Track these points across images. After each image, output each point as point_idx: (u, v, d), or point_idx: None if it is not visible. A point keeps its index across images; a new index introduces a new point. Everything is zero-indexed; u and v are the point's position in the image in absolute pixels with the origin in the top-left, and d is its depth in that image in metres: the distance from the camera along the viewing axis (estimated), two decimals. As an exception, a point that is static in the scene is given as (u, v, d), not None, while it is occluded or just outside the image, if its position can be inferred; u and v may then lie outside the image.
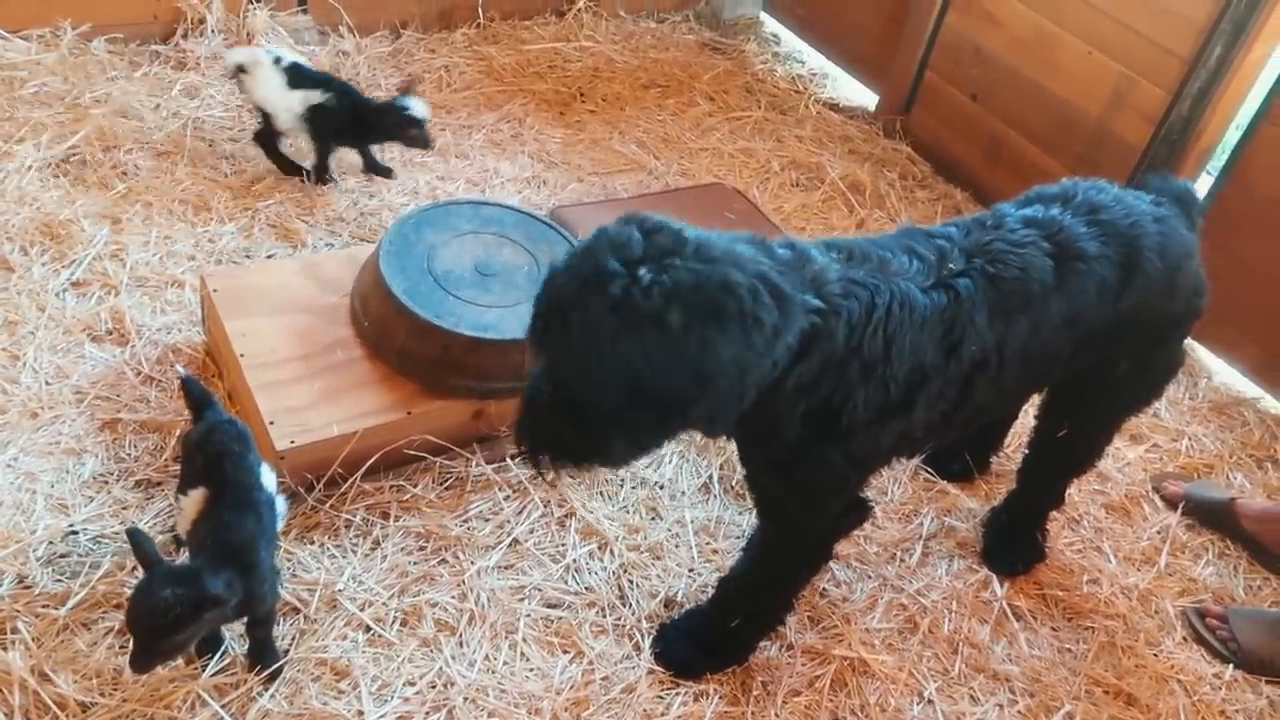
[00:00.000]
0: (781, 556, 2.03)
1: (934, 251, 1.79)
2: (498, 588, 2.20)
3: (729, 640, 2.15)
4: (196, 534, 1.85)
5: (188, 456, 2.00)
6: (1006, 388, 1.87)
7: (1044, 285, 1.80)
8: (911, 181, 3.96)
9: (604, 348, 1.42)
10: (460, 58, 4.07)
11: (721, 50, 4.61)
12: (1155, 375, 2.19)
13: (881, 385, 1.68)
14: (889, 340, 1.67)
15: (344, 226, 3.11)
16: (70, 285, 2.70)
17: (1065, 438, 2.29)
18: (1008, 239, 1.82)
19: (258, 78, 3.02)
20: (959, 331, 1.73)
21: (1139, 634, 2.38)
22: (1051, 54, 3.54)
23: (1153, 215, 1.94)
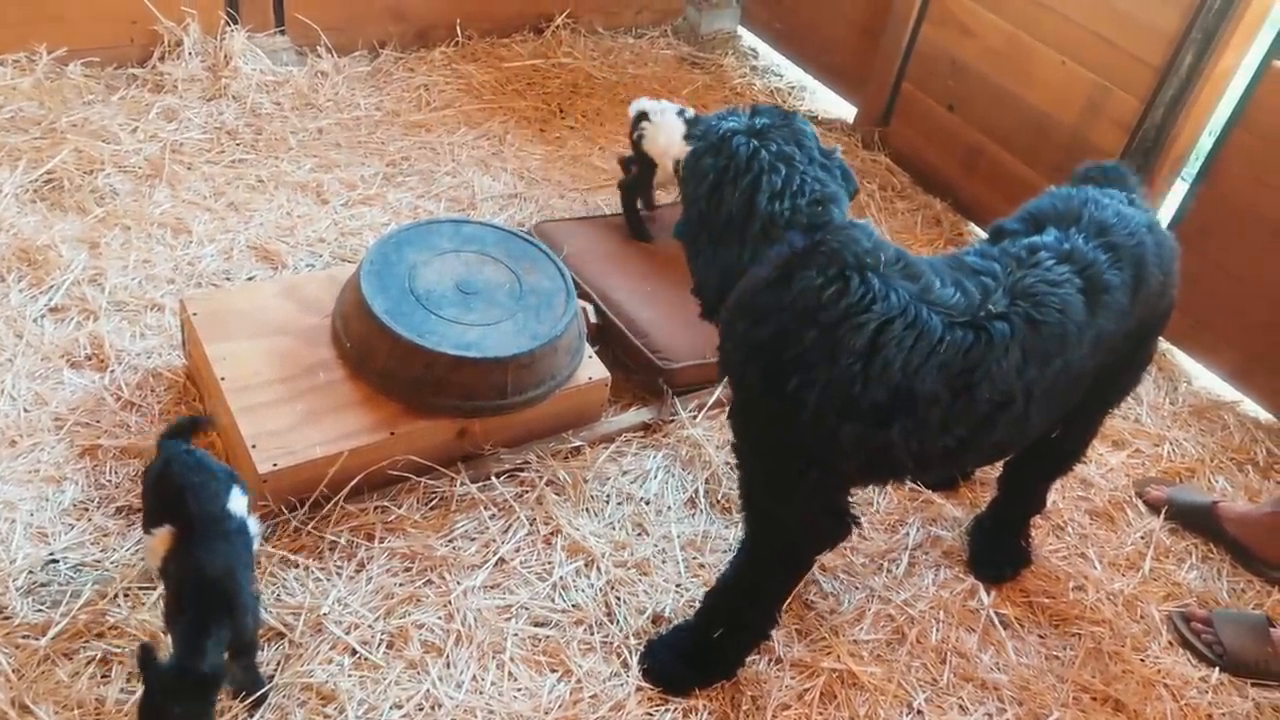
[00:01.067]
0: (761, 563, 2.02)
1: (979, 288, 1.77)
2: (484, 607, 2.19)
3: (716, 654, 2.14)
4: (169, 571, 1.83)
5: (147, 492, 1.97)
6: (1033, 425, 1.87)
7: (1079, 325, 1.81)
8: (891, 192, 3.98)
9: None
10: (439, 76, 4.07)
11: (700, 64, 4.64)
12: (1137, 369, 2.21)
13: (847, 380, 1.67)
14: (875, 345, 1.66)
15: (324, 247, 3.10)
16: (48, 311, 2.68)
17: (1055, 440, 2.30)
18: (1047, 279, 1.80)
19: (661, 126, 3.07)
20: (979, 374, 1.71)
21: (1125, 639, 2.39)
22: (1026, 64, 3.58)
23: (1146, 224, 1.96)
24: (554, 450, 2.57)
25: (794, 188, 1.71)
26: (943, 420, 1.74)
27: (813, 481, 1.83)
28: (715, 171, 1.75)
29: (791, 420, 1.74)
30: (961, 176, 3.91)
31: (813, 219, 1.71)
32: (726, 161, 1.74)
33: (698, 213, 1.80)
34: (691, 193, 1.81)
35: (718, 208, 1.75)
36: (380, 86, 3.95)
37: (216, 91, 3.63)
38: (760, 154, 1.73)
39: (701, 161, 1.78)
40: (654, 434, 2.72)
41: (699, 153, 1.80)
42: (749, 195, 1.72)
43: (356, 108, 3.78)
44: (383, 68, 4.05)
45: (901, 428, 1.72)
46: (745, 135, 1.75)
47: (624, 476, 2.57)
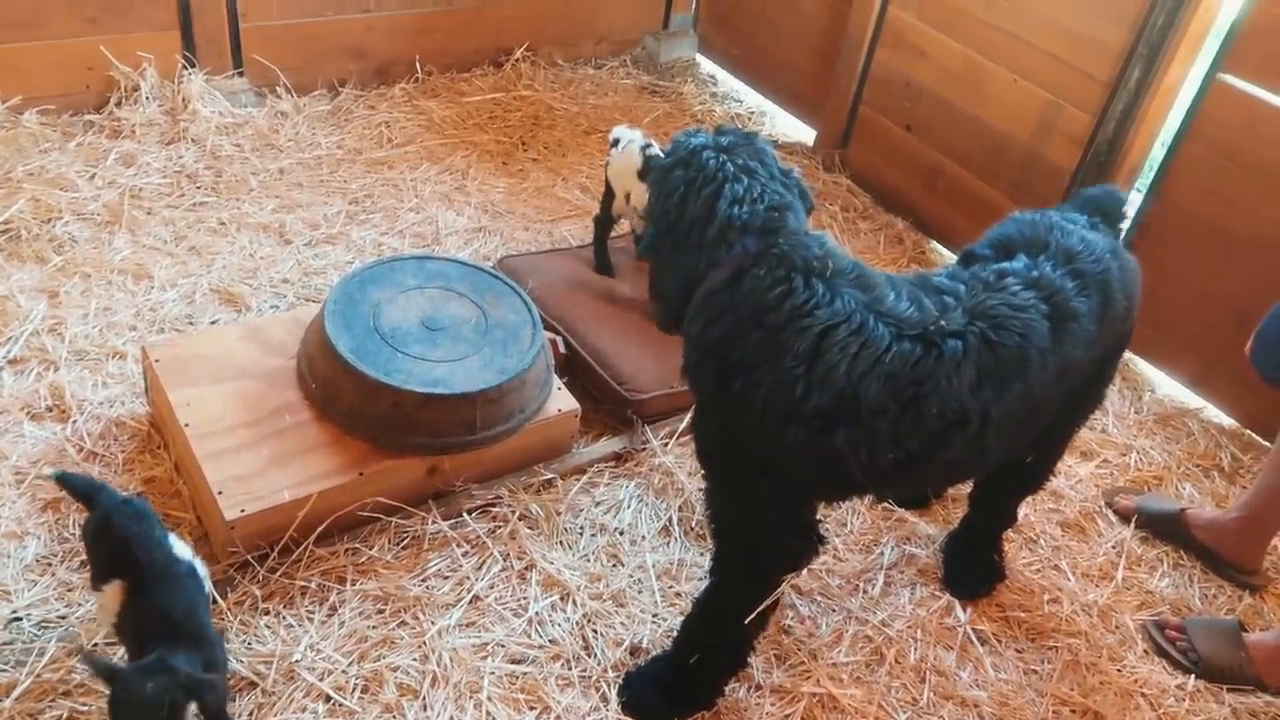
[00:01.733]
0: (728, 584, 2.02)
1: (937, 305, 1.80)
2: (460, 647, 2.17)
3: (694, 683, 2.13)
4: (126, 627, 1.80)
5: (90, 549, 1.93)
6: (993, 447, 1.86)
7: (1041, 350, 1.82)
8: (853, 213, 4.02)
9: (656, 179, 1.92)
10: (400, 113, 4.08)
11: (660, 93, 4.68)
12: (1102, 386, 2.24)
13: (789, 383, 1.70)
14: (818, 350, 1.69)
15: (288, 287, 3.08)
16: (7, 363, 2.64)
17: (1033, 463, 2.33)
18: (1011, 303, 1.82)
19: (622, 156, 3.05)
20: (928, 388, 1.72)
21: (1101, 650, 2.40)
22: (980, 84, 3.64)
23: (1109, 249, 1.99)
24: (526, 484, 2.56)
25: (754, 195, 1.77)
26: (891, 432, 1.74)
27: (767, 488, 1.84)
28: (684, 183, 1.81)
29: (738, 421, 1.78)
30: (922, 196, 3.96)
31: (768, 224, 1.76)
32: (695, 174, 1.80)
33: (665, 224, 1.85)
34: (660, 205, 1.86)
35: (682, 216, 1.80)
36: (341, 125, 3.94)
37: (175, 135, 3.61)
38: (726, 165, 1.79)
39: (671, 174, 1.84)
40: (626, 464, 2.71)
41: (668, 166, 1.86)
42: (711, 201, 1.78)
43: (317, 147, 3.78)
44: (343, 106, 4.05)
45: (847, 435, 1.72)
46: (713, 150, 1.81)
47: (597, 507, 2.56)
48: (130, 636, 1.80)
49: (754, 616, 2.02)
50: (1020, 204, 3.56)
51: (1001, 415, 1.82)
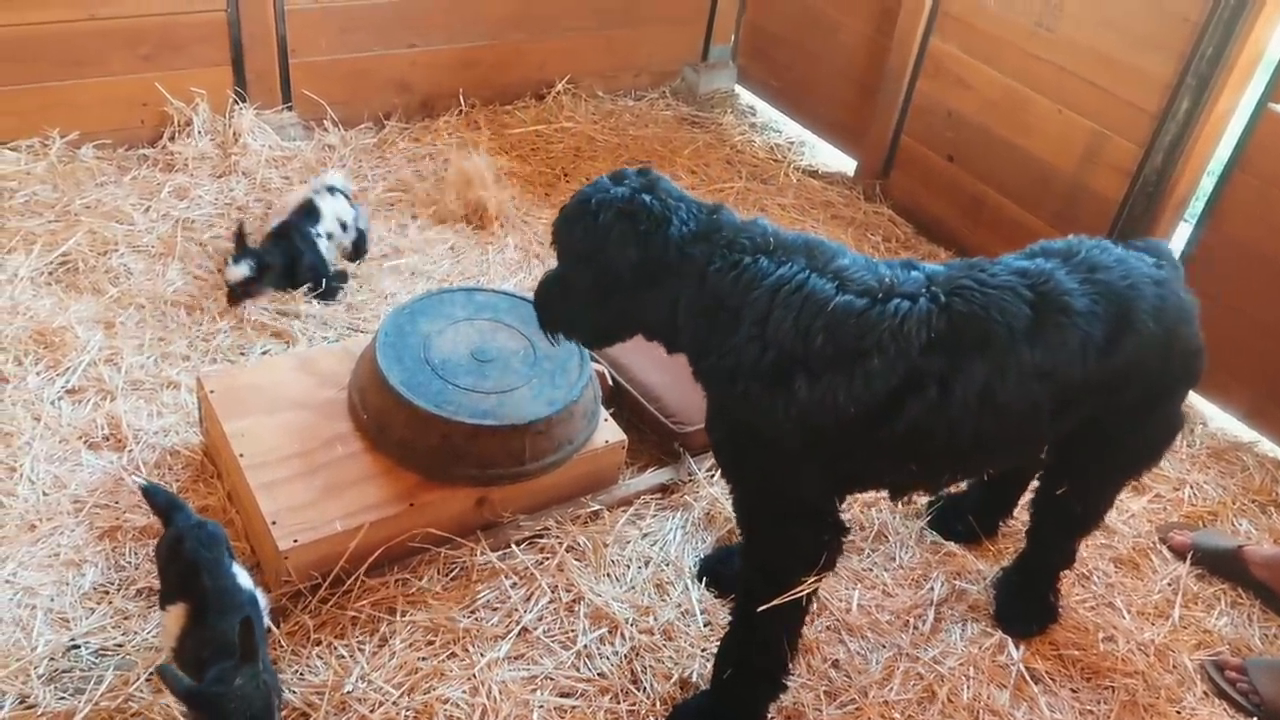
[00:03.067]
0: (753, 587, 2.00)
1: (902, 279, 1.85)
2: (509, 679, 2.17)
3: (736, 710, 2.11)
4: (186, 651, 1.82)
5: (161, 568, 1.98)
6: (965, 427, 1.83)
7: (1011, 329, 1.81)
8: (895, 243, 4.01)
9: (571, 241, 2.00)
10: (444, 145, 4.13)
11: (699, 124, 4.70)
12: (1152, 438, 2.19)
13: (749, 344, 1.81)
14: (770, 310, 1.80)
15: (338, 319, 3.12)
16: (65, 393, 2.69)
17: (1065, 498, 2.28)
18: (982, 280, 1.86)
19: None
20: (870, 341, 1.77)
21: (1159, 691, 2.36)
22: (1023, 114, 3.63)
23: (1152, 278, 1.96)
24: (573, 515, 2.56)
25: (688, 214, 1.92)
26: (846, 385, 1.77)
27: (766, 468, 1.90)
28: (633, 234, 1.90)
29: (725, 400, 1.92)
30: (965, 225, 3.94)
31: (710, 227, 1.91)
32: (644, 223, 1.90)
33: (613, 277, 1.94)
34: (611, 256, 1.92)
35: (648, 256, 1.90)
36: (386, 158, 4.00)
37: (226, 168, 3.69)
38: (658, 203, 1.92)
39: (614, 229, 1.91)
40: (672, 495, 2.71)
41: (606, 223, 1.92)
42: (664, 237, 1.90)
43: (364, 178, 3.83)
44: (388, 139, 4.11)
45: (805, 385, 1.78)
46: (645, 193, 1.93)
47: (644, 539, 2.56)
48: (189, 661, 1.82)
49: (784, 627, 2.02)
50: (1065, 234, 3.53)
51: (968, 393, 1.80)
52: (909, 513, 2.75)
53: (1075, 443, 2.11)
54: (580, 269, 1.99)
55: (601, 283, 1.96)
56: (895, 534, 2.67)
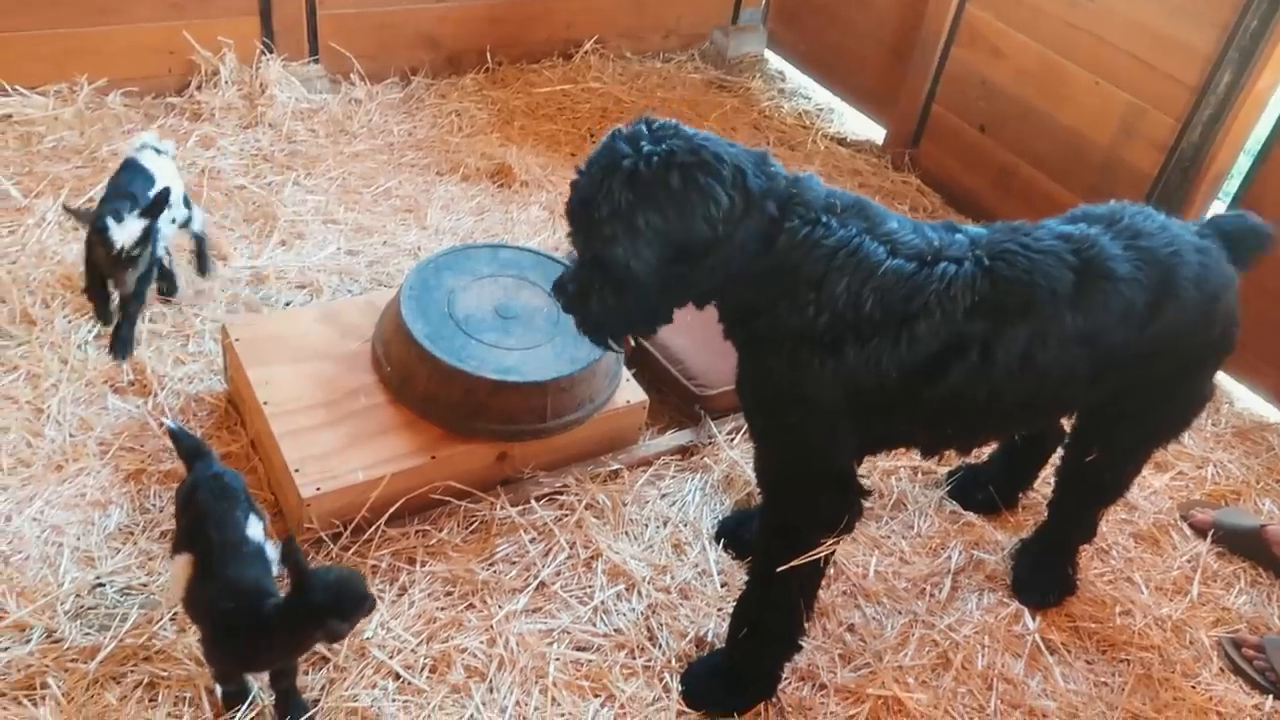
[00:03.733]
0: (770, 549, 2.00)
1: (946, 241, 1.82)
2: (526, 632, 2.19)
3: (750, 669, 2.12)
4: (193, 602, 1.83)
5: (177, 515, 1.99)
6: (1005, 391, 1.84)
7: (1054, 295, 1.80)
8: (922, 213, 3.97)
9: (628, 217, 1.70)
10: (470, 102, 4.11)
11: (728, 88, 4.66)
12: (1184, 406, 2.17)
13: (804, 308, 1.76)
14: (826, 274, 1.74)
15: (361, 272, 3.12)
16: (92, 338, 2.71)
17: (1092, 465, 2.27)
18: (1026, 244, 1.83)
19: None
20: (917, 305, 1.75)
21: (1175, 666, 2.35)
22: (1059, 85, 3.57)
23: (1195, 246, 1.93)
24: (593, 474, 2.57)
25: (750, 160, 1.77)
26: (892, 349, 1.76)
27: (800, 427, 1.87)
28: (723, 186, 1.73)
29: (767, 362, 1.85)
30: (994, 197, 3.90)
31: (775, 181, 1.77)
32: (726, 174, 1.72)
33: (689, 249, 1.75)
34: (693, 225, 1.72)
35: (731, 216, 1.74)
36: (412, 113, 3.99)
37: (253, 119, 3.68)
38: (729, 149, 1.75)
39: (695, 189, 1.71)
40: (692, 457, 2.71)
41: (683, 184, 1.70)
42: (746, 188, 1.74)
43: (390, 134, 3.82)
44: (415, 94, 4.09)
45: (855, 351, 1.76)
46: (704, 140, 1.75)
47: (663, 500, 2.57)
48: (197, 613, 1.84)
49: (801, 589, 2.02)
50: (1097, 208, 3.50)
51: (1009, 357, 1.79)
52: (928, 482, 2.74)
53: (1109, 409, 2.09)
54: (639, 248, 1.71)
55: (670, 259, 1.74)
56: (914, 502, 2.66)
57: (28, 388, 2.53)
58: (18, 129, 3.37)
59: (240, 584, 1.80)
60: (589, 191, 1.72)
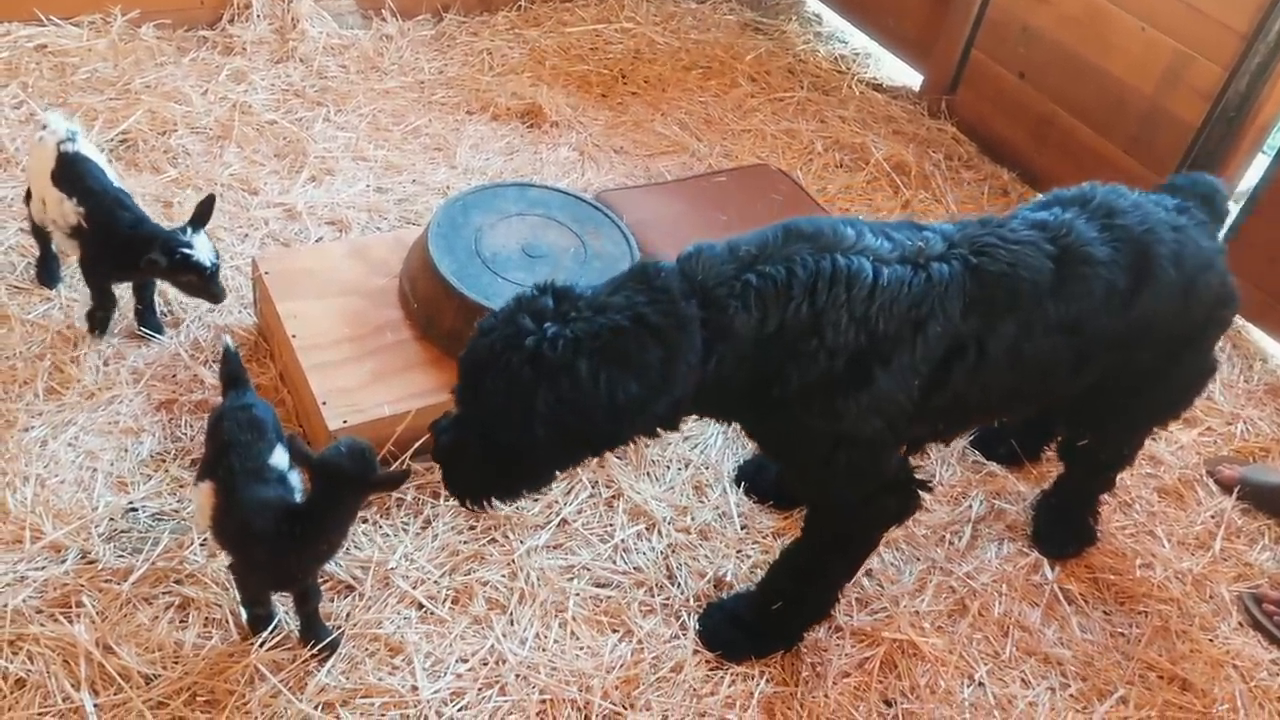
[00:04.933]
0: (824, 542, 2.02)
1: (916, 239, 1.77)
2: (547, 567, 2.22)
3: (775, 626, 2.14)
4: (221, 527, 1.86)
5: (206, 440, 2.01)
6: (995, 385, 1.82)
7: (1037, 285, 1.77)
8: (957, 162, 3.91)
9: (527, 398, 1.58)
10: (502, 40, 4.07)
11: (763, 31, 4.58)
12: (1177, 386, 2.16)
13: (812, 358, 1.68)
14: (817, 315, 1.66)
15: (390, 209, 3.13)
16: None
17: (1091, 447, 2.28)
18: (1003, 236, 1.79)
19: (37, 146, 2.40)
20: (926, 309, 1.71)
21: (1193, 619, 2.35)
22: (1103, 31, 3.48)
23: (1170, 223, 1.90)
24: (616, 414, 2.58)
25: (643, 294, 1.64)
26: (911, 361, 1.72)
27: (847, 461, 1.81)
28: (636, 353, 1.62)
29: (797, 421, 1.76)
30: (1031, 147, 3.82)
31: (672, 284, 1.66)
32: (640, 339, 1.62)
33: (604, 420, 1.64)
34: (601, 407, 1.61)
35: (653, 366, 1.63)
36: (444, 50, 3.96)
37: (284, 54, 3.67)
38: (610, 316, 1.62)
39: (604, 374, 1.59)
40: (715, 401, 2.71)
41: (594, 372, 1.58)
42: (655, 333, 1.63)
43: (421, 71, 3.80)
44: (446, 31, 4.06)
45: (884, 376, 1.71)
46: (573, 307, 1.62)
47: (685, 442, 2.58)
48: (224, 538, 1.88)
49: (849, 570, 2.05)
50: (1138, 159, 3.44)
51: (999, 350, 1.77)
52: (952, 432, 2.73)
53: (1096, 394, 2.07)
54: (531, 432, 1.61)
55: (568, 441, 1.65)
56: (937, 450, 2.65)
57: (60, 316, 2.57)
58: (53, 59, 3.39)
59: (263, 500, 1.83)
60: (485, 358, 1.61)
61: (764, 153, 3.74)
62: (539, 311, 1.61)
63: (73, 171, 2.36)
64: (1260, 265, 3.11)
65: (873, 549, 2.07)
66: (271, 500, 1.84)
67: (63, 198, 2.35)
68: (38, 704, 1.83)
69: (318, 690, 1.92)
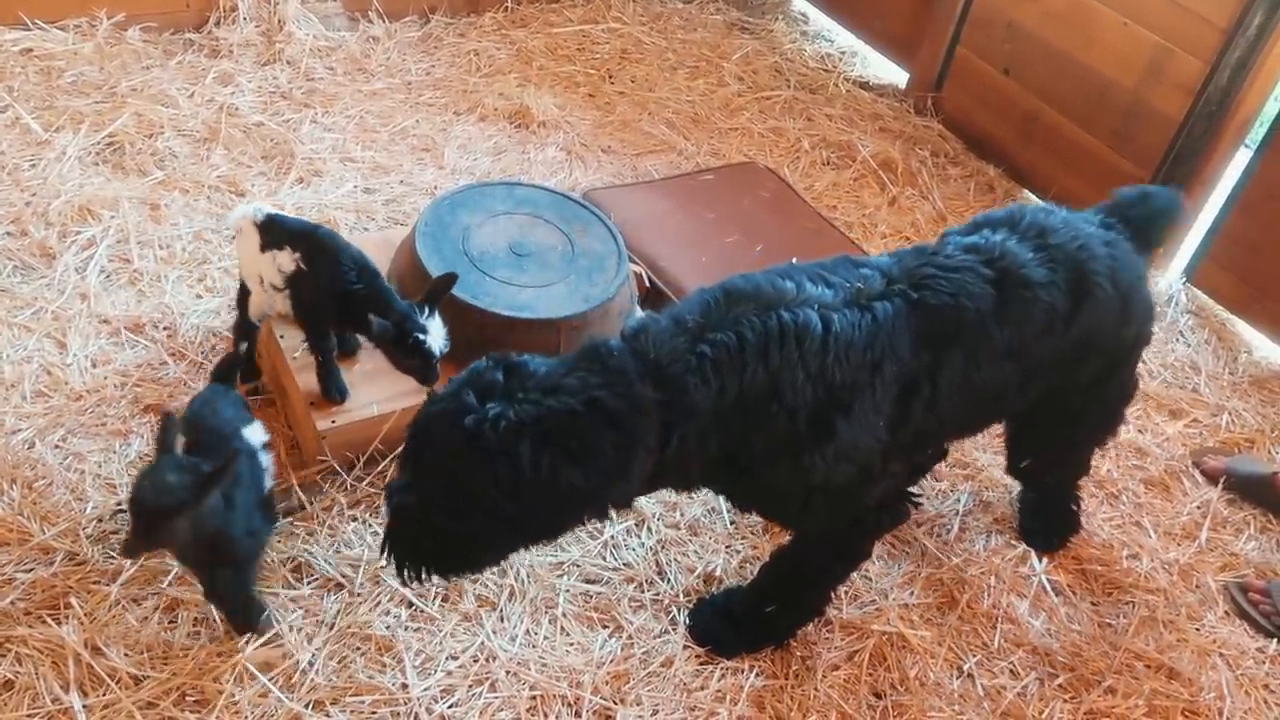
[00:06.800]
0: (817, 553, 2.03)
1: (855, 279, 1.76)
2: (537, 564, 2.22)
3: (764, 622, 2.15)
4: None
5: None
6: (949, 418, 1.83)
7: (980, 313, 1.77)
8: (943, 159, 3.93)
9: (462, 479, 1.52)
10: (489, 41, 4.08)
11: (749, 30, 4.59)
12: (1111, 406, 2.18)
13: (773, 420, 1.66)
14: (773, 376, 1.64)
15: (378, 209, 3.13)
16: (112, 271, 2.74)
17: (1034, 469, 2.30)
18: (941, 264, 1.79)
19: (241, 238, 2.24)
20: (879, 350, 1.69)
21: (1180, 609, 2.37)
22: (1086, 26, 3.50)
23: (1101, 239, 1.92)
24: (605, 412, 2.58)
25: (596, 375, 1.59)
26: (873, 403, 1.71)
27: (826, 501, 1.81)
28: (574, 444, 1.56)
29: (770, 486, 1.78)
30: (1017, 143, 3.85)
31: (625, 364, 1.62)
32: (576, 435, 1.55)
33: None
34: (554, 496, 1.56)
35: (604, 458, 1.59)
36: (431, 52, 3.96)
37: (271, 56, 3.67)
38: (559, 399, 1.56)
39: (547, 463, 1.53)
40: (704, 397, 2.72)
41: (540, 461, 1.52)
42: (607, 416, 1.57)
43: (408, 73, 3.80)
44: (433, 33, 4.06)
45: (844, 426, 1.69)
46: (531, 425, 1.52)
47: (674, 439, 2.58)
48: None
49: (844, 575, 2.08)
50: (1121, 154, 3.46)
51: (949, 383, 1.77)
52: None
53: (1035, 416, 2.09)
54: (468, 518, 1.57)
55: (510, 528, 1.61)
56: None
57: (48, 320, 2.57)
58: (38, 63, 3.38)
59: None
60: (426, 430, 1.58)
61: (751, 151, 3.76)
62: (487, 387, 1.54)
63: (274, 228, 2.17)
64: (1243, 258, 3.13)
65: (865, 558, 2.08)
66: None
67: (273, 254, 2.15)
68: (26, 705, 1.83)
69: (308, 689, 1.92)
